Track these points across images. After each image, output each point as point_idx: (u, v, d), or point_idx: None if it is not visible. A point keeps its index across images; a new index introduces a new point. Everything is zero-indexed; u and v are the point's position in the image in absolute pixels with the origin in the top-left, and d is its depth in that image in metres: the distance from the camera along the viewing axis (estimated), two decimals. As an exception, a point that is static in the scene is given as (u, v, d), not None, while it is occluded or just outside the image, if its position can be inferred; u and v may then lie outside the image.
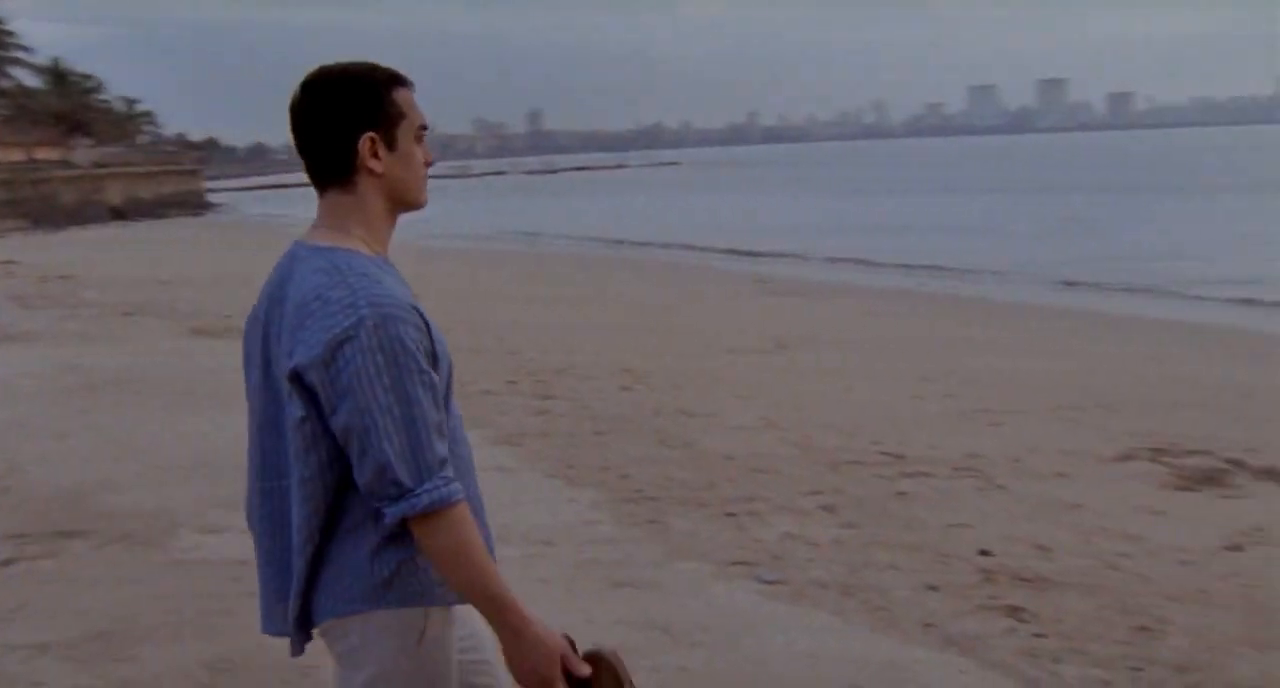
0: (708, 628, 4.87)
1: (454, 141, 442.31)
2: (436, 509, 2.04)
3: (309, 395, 2.06)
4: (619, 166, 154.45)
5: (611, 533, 6.23)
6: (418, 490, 2.03)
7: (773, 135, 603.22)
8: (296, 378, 2.06)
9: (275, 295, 2.18)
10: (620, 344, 13.12)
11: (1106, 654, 4.68)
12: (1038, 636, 4.86)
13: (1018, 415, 9.29)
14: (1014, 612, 5.10)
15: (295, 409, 2.08)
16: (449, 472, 2.08)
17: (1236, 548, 6.05)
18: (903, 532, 6.24)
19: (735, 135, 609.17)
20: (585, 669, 2.17)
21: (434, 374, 2.10)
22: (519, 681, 2.15)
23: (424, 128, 2.24)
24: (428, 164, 2.26)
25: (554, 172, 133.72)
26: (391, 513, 2.04)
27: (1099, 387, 10.71)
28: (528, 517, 6.42)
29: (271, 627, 2.28)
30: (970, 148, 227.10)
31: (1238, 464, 7.71)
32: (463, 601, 2.17)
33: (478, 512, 2.23)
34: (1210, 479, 7.39)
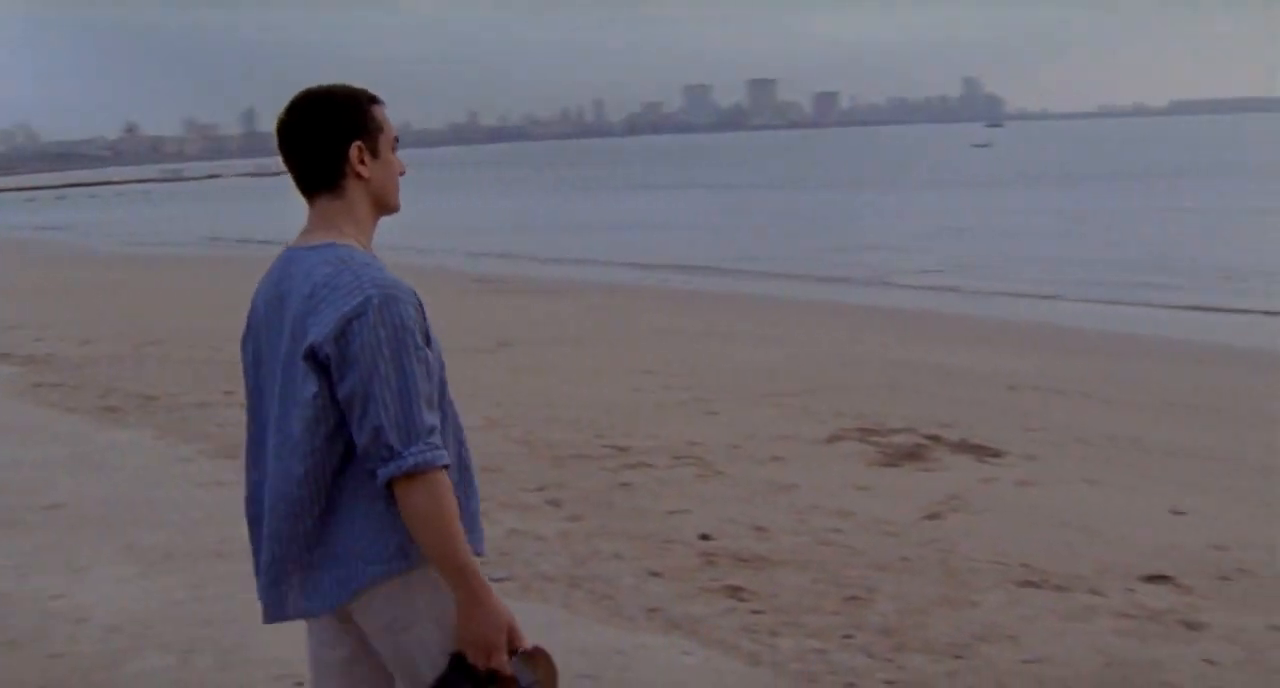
0: (436, 629, 4.84)
1: (162, 144, 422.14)
2: (420, 471, 2.24)
3: (322, 370, 2.27)
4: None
5: (337, 540, 6.10)
6: (404, 453, 2.23)
7: (495, 134, 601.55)
8: (312, 355, 2.27)
9: (273, 294, 2.41)
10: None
11: (820, 625, 4.92)
12: (756, 612, 5.06)
13: (734, 403, 9.61)
14: (734, 592, 5.29)
15: (309, 386, 2.28)
16: (436, 439, 2.28)
17: (935, 517, 6.46)
18: (626, 522, 6.37)
19: (457, 135, 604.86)
20: (527, 644, 2.37)
21: (428, 351, 2.33)
22: (466, 644, 2.32)
23: (397, 139, 2.51)
24: (401, 173, 2.53)
25: (274, 174, 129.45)
26: (382, 474, 2.26)
27: (810, 372, 11.19)
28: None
29: (283, 613, 2.45)
30: (687, 145, 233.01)
31: (936, 440, 8.22)
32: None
33: (471, 483, 2.50)
34: (912, 455, 7.85)
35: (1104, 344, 14.04)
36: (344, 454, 2.32)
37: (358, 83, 2.51)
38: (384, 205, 2.52)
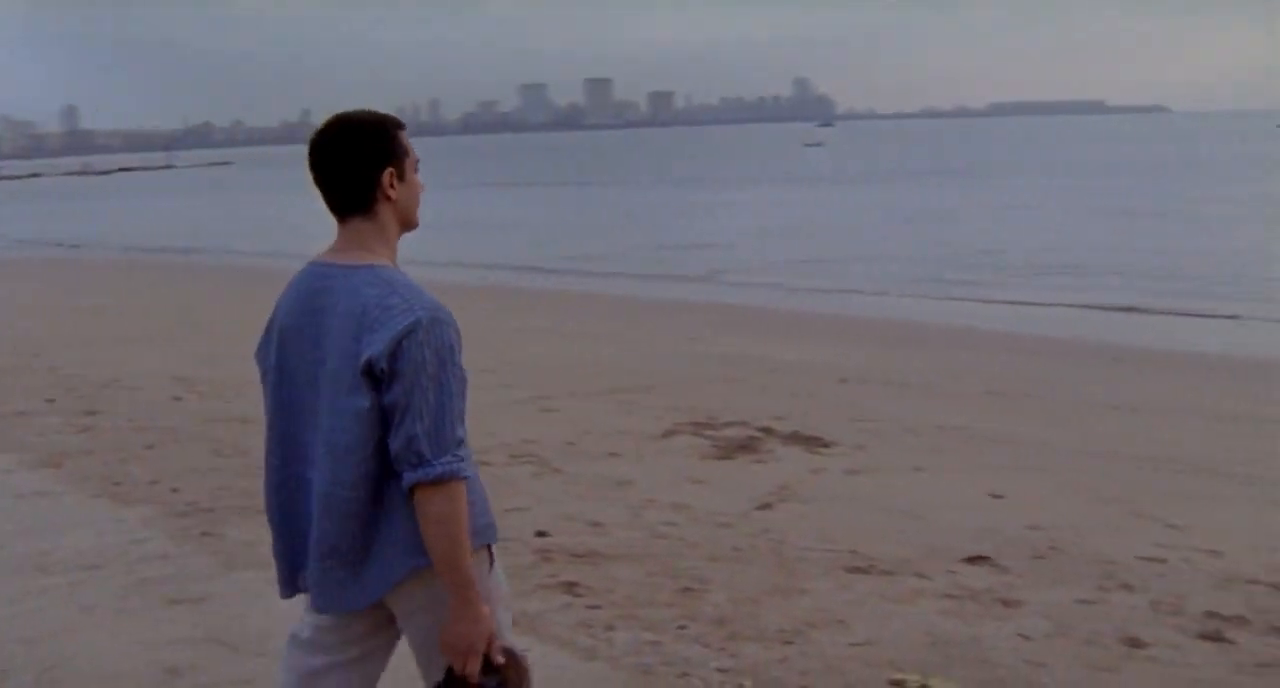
0: (269, 636, 4.74)
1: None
2: (444, 480, 2.42)
3: (376, 384, 2.44)
4: (166, 167, 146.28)
5: (164, 549, 5.94)
6: (434, 462, 2.41)
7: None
8: (369, 369, 2.44)
9: (309, 307, 2.57)
10: (170, 352, 12.48)
11: (655, 617, 4.97)
12: (592, 607, 5.09)
13: (571, 400, 9.65)
14: (570, 587, 5.32)
15: (363, 399, 2.45)
16: (463, 453, 2.47)
17: (767, 507, 6.59)
18: (464, 521, 6.32)
19: (289, 133, 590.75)
20: (500, 659, 2.54)
21: (464, 370, 2.51)
22: (447, 645, 2.50)
23: (418, 161, 2.70)
24: (421, 191, 2.70)
25: (101, 173, 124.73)
26: (409, 478, 2.43)
27: (646, 368, 11.30)
28: (71, 542, 6.00)
29: (289, 591, 2.70)
30: (524, 143, 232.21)
31: (768, 432, 8.37)
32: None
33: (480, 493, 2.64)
34: (744, 447, 7.98)
35: (931, 337, 14.51)
36: (386, 461, 2.49)
37: (207, 78, 2.43)
38: (408, 224, 2.69)
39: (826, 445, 8.01)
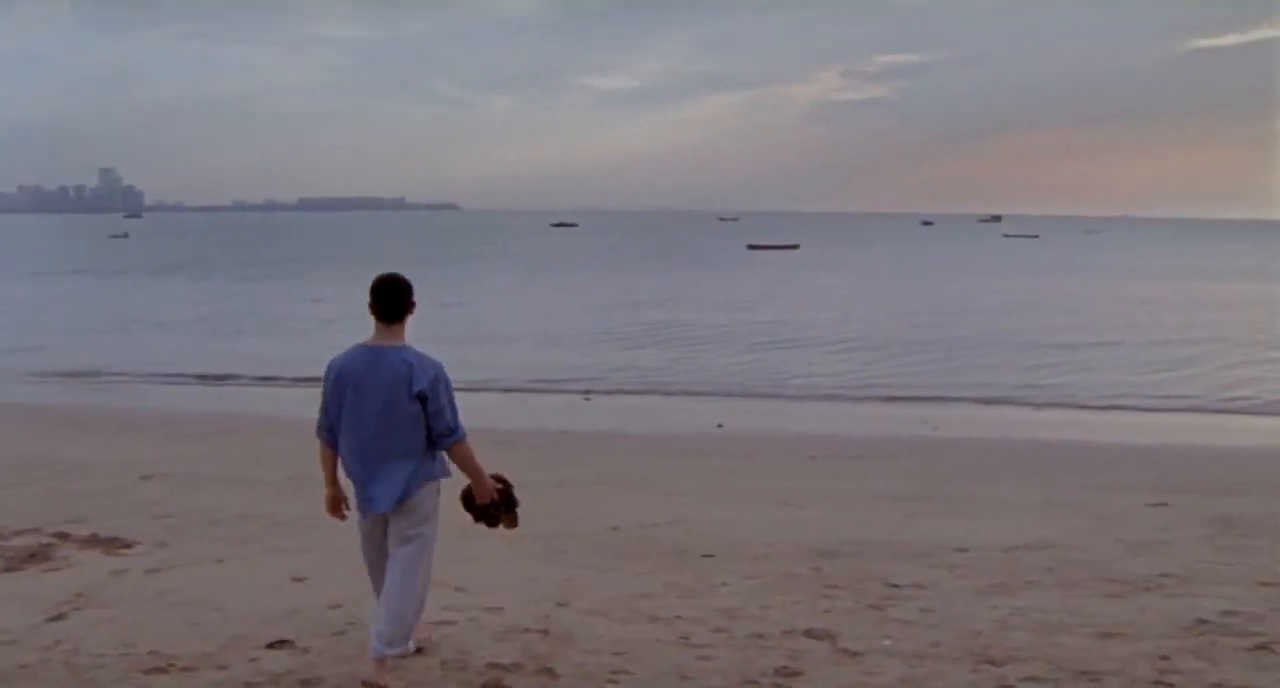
0: None
1: None
2: (464, 439, 5.13)
3: (421, 401, 5.00)
4: None
5: None
6: (458, 431, 5.09)
7: None
8: (419, 394, 4.99)
9: (371, 367, 5.05)
10: None
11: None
12: None
13: None
14: None
15: (415, 408, 5.00)
16: (463, 425, 5.14)
17: (60, 618, 6.05)
18: None
19: None
20: (500, 486, 5.44)
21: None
22: (478, 494, 5.33)
23: None
24: None
25: None
26: (447, 442, 5.09)
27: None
28: None
29: (381, 508, 5.15)
30: None
31: (63, 537, 7.73)
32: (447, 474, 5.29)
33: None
34: (36, 556, 7.30)
35: (238, 427, 14.19)
36: (419, 436, 5.08)
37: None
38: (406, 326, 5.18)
39: (128, 546, 7.55)
